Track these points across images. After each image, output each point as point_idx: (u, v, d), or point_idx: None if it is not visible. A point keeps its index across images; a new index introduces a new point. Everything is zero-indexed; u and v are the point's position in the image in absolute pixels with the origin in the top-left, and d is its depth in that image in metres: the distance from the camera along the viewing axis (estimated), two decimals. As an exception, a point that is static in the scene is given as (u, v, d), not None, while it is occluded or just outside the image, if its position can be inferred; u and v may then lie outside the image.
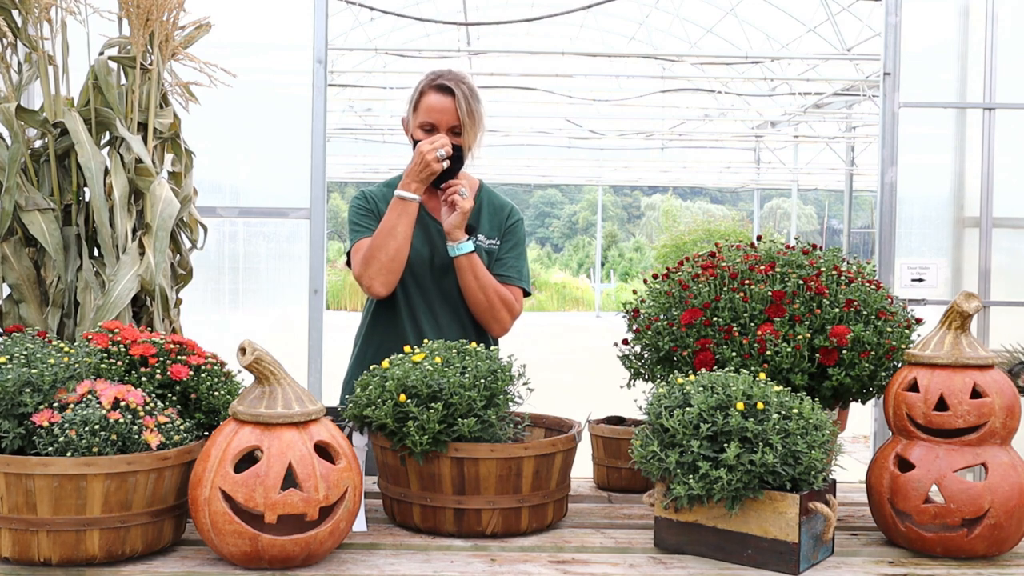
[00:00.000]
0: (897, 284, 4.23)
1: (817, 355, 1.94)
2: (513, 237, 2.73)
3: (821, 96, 14.67)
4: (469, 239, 2.60)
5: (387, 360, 1.98)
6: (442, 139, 2.54)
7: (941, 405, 1.82)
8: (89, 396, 1.73)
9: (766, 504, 1.73)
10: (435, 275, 2.68)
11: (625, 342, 2.14)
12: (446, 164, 2.55)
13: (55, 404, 1.72)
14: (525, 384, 2.01)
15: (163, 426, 1.76)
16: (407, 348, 2.02)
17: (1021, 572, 1.78)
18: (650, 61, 13.41)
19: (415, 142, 2.63)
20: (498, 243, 2.71)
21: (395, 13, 10.75)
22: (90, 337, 1.95)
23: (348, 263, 2.72)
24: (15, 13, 2.63)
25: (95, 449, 1.67)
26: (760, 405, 1.73)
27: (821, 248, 2.17)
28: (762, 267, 2.02)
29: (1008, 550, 1.85)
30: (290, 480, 1.69)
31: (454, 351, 2.00)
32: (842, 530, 1.99)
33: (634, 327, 2.12)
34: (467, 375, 1.90)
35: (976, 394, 1.82)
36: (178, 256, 2.82)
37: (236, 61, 2.95)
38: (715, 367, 1.95)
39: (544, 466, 1.92)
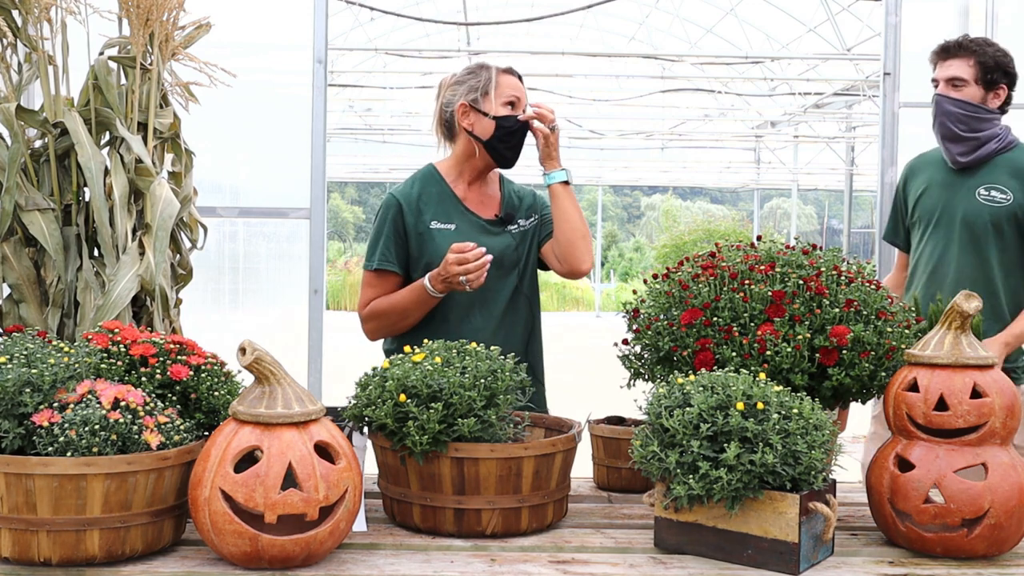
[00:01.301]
0: (897, 284, 4.22)
1: (817, 355, 1.94)
2: (548, 206, 2.78)
3: (821, 96, 14.66)
4: (562, 169, 2.65)
5: (387, 360, 1.98)
6: (475, 260, 2.44)
7: (941, 405, 1.82)
8: (89, 396, 1.73)
9: (766, 504, 1.73)
10: (494, 270, 2.65)
11: (625, 342, 2.14)
12: (473, 282, 2.47)
13: (55, 404, 1.72)
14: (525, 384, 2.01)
15: (163, 426, 1.76)
16: (407, 348, 2.02)
17: (1021, 572, 1.78)
18: (650, 61, 13.40)
19: (497, 120, 2.60)
20: (536, 218, 2.76)
21: (395, 13, 10.74)
22: (90, 337, 1.95)
23: (365, 266, 2.70)
24: (15, 13, 2.63)
25: (95, 449, 1.67)
26: (760, 405, 1.73)
27: (821, 248, 2.17)
28: (762, 267, 2.02)
29: (1008, 550, 1.85)
30: (290, 480, 1.69)
31: (454, 351, 2.00)
32: (842, 530, 1.99)
33: (634, 327, 2.12)
34: (467, 375, 1.90)
35: (976, 394, 1.82)
36: (178, 256, 2.82)
37: (236, 61, 2.95)
38: (715, 367, 1.94)
39: (544, 466, 1.92)
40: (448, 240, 2.57)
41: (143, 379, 1.90)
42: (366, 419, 1.92)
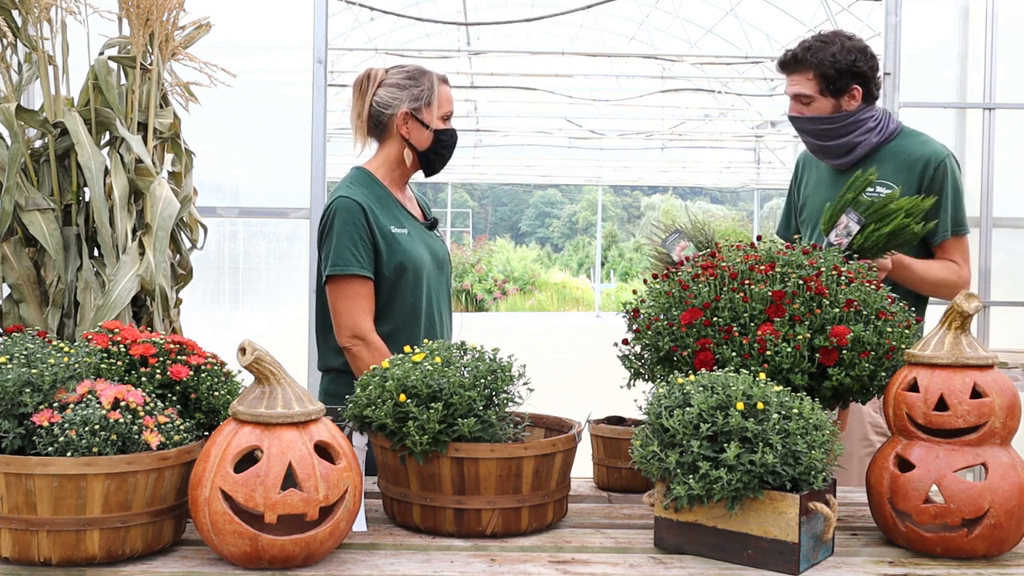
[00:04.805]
0: (897, 284, 4.22)
1: (817, 355, 1.94)
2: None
3: (821, 96, 14.62)
4: None
5: (387, 360, 1.98)
6: None
7: (941, 405, 1.82)
8: (89, 396, 1.73)
9: (766, 504, 1.73)
10: (439, 272, 2.68)
11: (625, 342, 2.14)
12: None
13: (55, 404, 1.72)
14: (525, 384, 2.01)
15: (163, 426, 1.76)
16: (407, 348, 2.02)
17: (1021, 572, 1.78)
18: (650, 61, 13.40)
19: (436, 134, 2.61)
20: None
21: (395, 13, 10.75)
22: (90, 337, 1.95)
23: (325, 277, 2.53)
24: (15, 13, 2.63)
25: (95, 449, 1.67)
26: (760, 405, 1.73)
27: (821, 248, 2.17)
28: (762, 267, 2.02)
29: (1008, 550, 1.85)
30: (290, 480, 1.69)
31: (454, 351, 2.00)
32: (842, 530, 1.99)
33: (634, 327, 2.12)
34: (467, 375, 1.90)
35: (976, 394, 1.82)
36: (178, 256, 2.82)
37: (236, 61, 2.95)
38: (715, 367, 1.94)
39: (544, 466, 1.92)
40: (408, 244, 2.58)
41: (143, 379, 1.90)
42: (366, 419, 1.91)
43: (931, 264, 2.84)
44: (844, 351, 1.93)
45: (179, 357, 1.96)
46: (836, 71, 2.81)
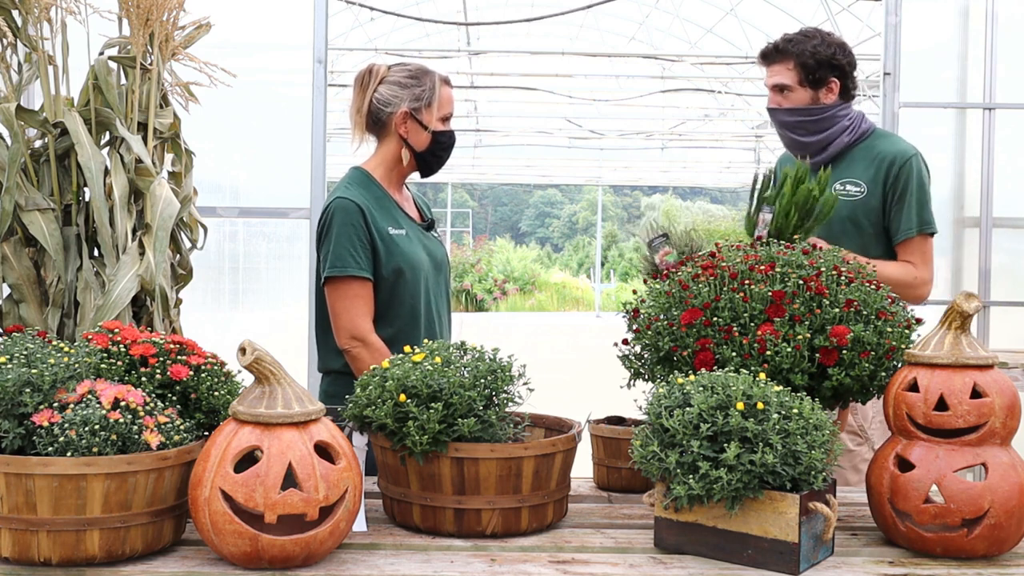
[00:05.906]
0: (897, 284, 4.21)
1: (817, 355, 1.94)
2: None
3: (821, 96, 14.63)
4: None
5: (387, 360, 1.98)
6: None
7: (941, 405, 1.82)
8: (89, 396, 1.73)
9: (766, 504, 1.73)
10: (437, 273, 2.68)
11: (625, 342, 2.14)
12: None
13: (55, 404, 1.72)
14: (525, 384, 2.01)
15: (163, 426, 1.76)
16: (407, 348, 2.02)
17: (1021, 572, 1.78)
18: (650, 61, 13.40)
19: (434, 135, 2.60)
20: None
21: (395, 13, 10.75)
22: (90, 337, 1.95)
23: (324, 278, 2.53)
24: (15, 13, 2.63)
25: (95, 449, 1.67)
26: (760, 405, 1.73)
27: (821, 248, 2.17)
28: (762, 267, 2.02)
29: (1008, 550, 1.85)
30: (290, 480, 1.69)
31: (454, 351, 2.00)
32: (842, 530, 1.99)
33: (634, 327, 2.12)
34: (467, 375, 1.90)
35: (976, 394, 1.82)
36: (178, 256, 2.82)
37: (236, 61, 2.95)
38: (715, 367, 1.94)
39: (544, 466, 1.92)
40: (406, 245, 2.58)
41: (143, 379, 1.90)
42: (366, 419, 1.91)
43: (884, 263, 2.86)
44: (844, 351, 1.93)
45: (179, 357, 1.96)
46: (816, 62, 2.90)
